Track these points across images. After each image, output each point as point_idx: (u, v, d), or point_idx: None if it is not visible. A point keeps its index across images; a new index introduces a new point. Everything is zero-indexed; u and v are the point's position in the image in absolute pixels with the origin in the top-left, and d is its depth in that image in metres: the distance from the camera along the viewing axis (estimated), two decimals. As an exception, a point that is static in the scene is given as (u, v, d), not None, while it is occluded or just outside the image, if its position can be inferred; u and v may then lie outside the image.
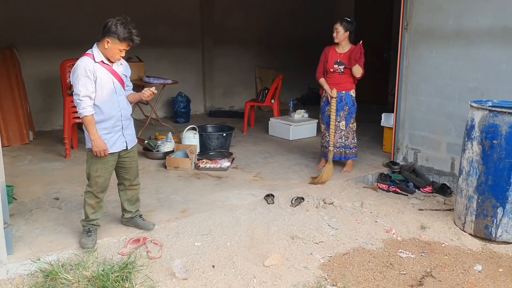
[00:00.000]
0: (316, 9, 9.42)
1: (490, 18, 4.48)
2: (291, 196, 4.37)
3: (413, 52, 5.20)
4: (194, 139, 5.52)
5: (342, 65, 4.89)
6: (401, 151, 5.48)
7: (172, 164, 5.08)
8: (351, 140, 5.10)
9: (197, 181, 4.76)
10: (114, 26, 3.18)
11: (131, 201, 3.63)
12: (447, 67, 4.90)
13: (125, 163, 3.48)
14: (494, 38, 4.48)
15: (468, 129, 3.73)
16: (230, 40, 8.70)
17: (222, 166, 5.13)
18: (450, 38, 4.82)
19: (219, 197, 4.30)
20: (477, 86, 4.66)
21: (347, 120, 5.03)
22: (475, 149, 3.65)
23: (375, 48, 9.36)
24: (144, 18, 7.54)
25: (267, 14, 9.09)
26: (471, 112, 3.71)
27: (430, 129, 5.15)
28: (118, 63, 3.34)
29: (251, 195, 4.37)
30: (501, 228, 3.59)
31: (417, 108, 5.24)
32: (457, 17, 4.74)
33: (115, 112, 3.29)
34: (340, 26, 4.84)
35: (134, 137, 3.53)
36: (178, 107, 7.63)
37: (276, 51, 9.34)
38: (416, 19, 5.12)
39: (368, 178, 5.14)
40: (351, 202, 4.34)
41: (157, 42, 7.80)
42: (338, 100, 4.97)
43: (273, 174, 5.04)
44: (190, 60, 8.34)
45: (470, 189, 3.71)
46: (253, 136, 6.86)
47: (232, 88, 8.99)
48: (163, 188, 4.56)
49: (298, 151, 6.04)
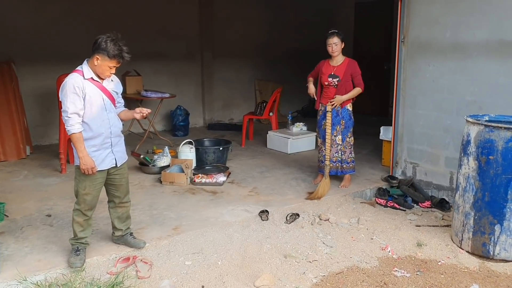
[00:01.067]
0: (316, 21, 9.41)
1: (487, 31, 4.44)
2: (286, 212, 4.30)
3: (410, 65, 5.15)
4: (190, 153, 5.48)
5: (336, 78, 4.84)
6: (400, 165, 5.42)
7: (167, 179, 5.03)
8: (348, 155, 5.03)
9: (192, 197, 4.71)
10: (104, 43, 3.15)
11: (121, 219, 3.58)
12: (444, 80, 4.85)
13: (114, 180, 3.43)
14: (491, 51, 4.43)
15: (464, 144, 3.67)
16: (229, 52, 8.70)
17: (218, 181, 5.08)
18: (447, 51, 4.78)
19: (213, 214, 4.24)
20: (474, 99, 4.60)
21: (344, 135, 4.97)
22: (471, 165, 3.58)
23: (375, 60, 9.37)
24: (143, 31, 7.59)
25: (266, 27, 9.10)
26: (467, 127, 3.65)
27: (428, 143, 5.08)
28: (108, 79, 3.31)
29: (246, 211, 4.31)
30: (499, 246, 3.51)
31: (415, 121, 5.18)
32: (454, 30, 4.70)
33: (104, 129, 3.25)
34: (338, 38, 4.79)
35: (124, 154, 3.48)
36: (177, 120, 7.60)
37: (276, 63, 9.34)
38: (413, 32, 5.08)
39: (366, 193, 5.07)
40: (348, 218, 4.26)
41: (156, 56, 7.83)
42: (334, 114, 4.91)
43: (269, 189, 4.98)
44: (189, 73, 8.33)
45: (467, 206, 3.63)
46: (251, 150, 6.81)
47: (231, 100, 8.97)
48: (157, 204, 4.50)
49: (296, 165, 5.98)
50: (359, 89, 4.84)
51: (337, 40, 4.77)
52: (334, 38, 4.77)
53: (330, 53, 4.83)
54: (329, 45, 4.79)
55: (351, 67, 4.84)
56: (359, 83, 4.85)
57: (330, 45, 4.79)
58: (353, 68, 4.84)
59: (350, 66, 4.85)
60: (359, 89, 4.84)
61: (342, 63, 4.87)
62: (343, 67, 4.85)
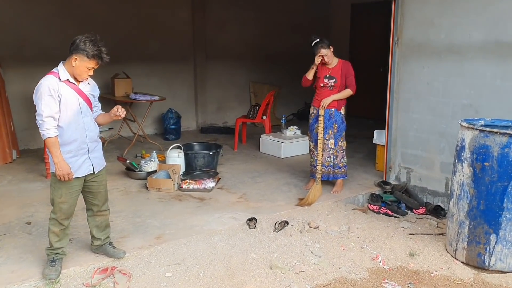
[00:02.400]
0: (312, 23, 9.27)
1: (483, 33, 4.30)
2: (275, 220, 4.15)
3: (405, 67, 5.01)
4: (178, 158, 5.32)
5: (333, 79, 4.70)
6: (394, 170, 5.26)
7: (154, 185, 4.88)
8: (340, 159, 4.88)
9: (178, 204, 4.55)
10: (82, 43, 3.00)
11: (100, 228, 3.42)
12: (439, 83, 4.70)
13: (92, 188, 3.28)
14: (487, 53, 4.29)
15: (458, 150, 3.52)
16: (223, 54, 8.56)
17: (206, 186, 4.93)
18: (442, 53, 4.63)
19: (198, 221, 4.09)
20: (470, 103, 4.46)
21: (336, 138, 4.82)
22: (465, 171, 3.43)
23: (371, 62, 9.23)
24: (134, 33, 7.46)
25: (262, 29, 8.95)
26: (461, 132, 3.50)
27: (422, 147, 4.93)
28: (85, 82, 3.16)
29: (233, 219, 4.16)
30: (495, 256, 3.35)
31: (409, 125, 5.03)
32: (449, 31, 4.55)
33: (80, 134, 3.11)
34: (327, 49, 4.62)
35: (102, 160, 3.33)
36: (168, 123, 7.45)
37: (271, 65, 9.20)
38: (407, 34, 4.94)
39: (358, 199, 4.92)
40: (338, 226, 4.11)
41: (147, 57, 7.70)
42: (327, 118, 4.77)
43: (259, 195, 4.83)
44: (182, 75, 8.19)
45: (461, 214, 3.48)
46: (243, 154, 6.66)
47: (225, 103, 8.82)
48: (141, 211, 4.35)
49: (289, 169, 5.83)
50: (350, 90, 4.70)
51: (326, 51, 4.62)
52: (322, 50, 4.61)
53: (324, 62, 4.68)
54: (318, 57, 4.63)
55: (345, 68, 4.72)
56: (351, 84, 4.72)
57: (320, 58, 4.63)
58: (347, 69, 4.73)
59: (344, 67, 4.73)
60: (350, 90, 4.70)
61: (337, 65, 4.74)
62: (338, 68, 4.72)
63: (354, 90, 4.71)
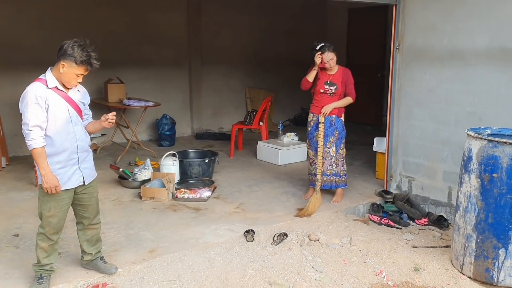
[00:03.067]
0: (309, 28, 9.16)
1: (487, 38, 4.18)
2: (274, 232, 3.99)
3: (406, 73, 4.88)
4: (173, 166, 5.16)
5: (334, 85, 4.57)
6: (395, 179, 5.13)
7: (147, 194, 4.71)
8: (340, 167, 4.74)
9: (173, 214, 4.39)
10: (70, 48, 2.84)
11: (91, 242, 3.25)
12: (442, 90, 4.58)
13: (83, 200, 3.12)
14: (491, 59, 4.17)
15: (465, 160, 3.38)
16: (219, 59, 8.42)
17: (202, 196, 4.76)
18: (445, 59, 4.51)
19: (194, 234, 3.93)
20: (474, 110, 4.33)
21: (337, 146, 4.68)
22: (473, 183, 3.29)
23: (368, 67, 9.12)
24: (128, 37, 7.31)
25: (258, 33, 8.82)
26: (468, 142, 3.37)
27: (425, 156, 4.80)
28: (75, 89, 3.00)
29: (230, 231, 4.00)
30: (504, 272, 3.22)
31: (411, 133, 4.90)
32: (451, 37, 4.43)
33: (69, 144, 2.94)
34: (333, 52, 4.51)
35: (93, 171, 3.16)
36: (163, 129, 7.28)
37: (267, 70, 9.06)
38: (408, 39, 4.82)
39: (359, 209, 4.78)
40: (339, 238, 3.96)
41: (141, 62, 7.54)
42: (327, 125, 4.62)
43: (257, 205, 4.67)
44: (176, 80, 8.02)
45: (469, 227, 3.34)
46: (240, 161, 6.51)
47: (221, 109, 8.66)
48: (134, 222, 4.18)
49: (287, 177, 5.68)
50: (350, 98, 4.59)
51: (332, 55, 4.50)
52: (330, 53, 4.49)
53: (327, 67, 4.54)
54: (326, 62, 4.49)
55: (345, 76, 4.60)
56: (350, 92, 4.61)
57: (327, 62, 4.50)
58: (347, 77, 4.62)
59: (345, 74, 4.61)
60: (350, 98, 4.59)
61: (337, 71, 4.61)
62: (339, 75, 4.60)
63: (354, 98, 4.60)
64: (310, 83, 4.63)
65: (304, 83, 4.65)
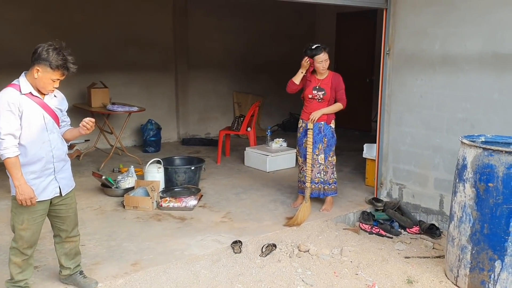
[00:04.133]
0: (297, 32, 9.06)
1: (480, 43, 4.09)
2: (262, 243, 3.85)
3: (396, 79, 4.78)
4: (157, 173, 4.99)
5: (322, 91, 4.44)
6: (385, 186, 5.02)
7: (131, 203, 4.54)
8: (330, 175, 4.62)
9: (157, 224, 4.22)
10: (45, 52, 2.68)
11: (69, 256, 3.08)
12: (433, 95, 4.48)
13: (60, 212, 2.94)
14: (484, 64, 4.08)
15: (459, 169, 3.28)
16: (206, 63, 8.27)
17: (188, 205, 4.60)
18: (436, 64, 4.42)
19: (179, 245, 3.77)
20: (466, 117, 4.24)
21: (326, 153, 4.56)
22: (467, 192, 3.18)
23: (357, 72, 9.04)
24: (112, 41, 7.14)
25: (245, 37, 8.69)
26: (463, 150, 3.26)
27: (416, 162, 4.70)
28: (51, 95, 2.84)
29: (216, 242, 3.84)
30: (500, 285, 3.11)
31: (401, 139, 4.80)
32: (443, 41, 4.34)
33: (45, 153, 2.77)
34: (327, 54, 4.41)
35: (71, 181, 2.99)
36: (148, 135, 7.10)
37: (256, 75, 8.94)
38: (399, 44, 4.72)
39: (349, 217, 4.65)
40: (330, 249, 3.83)
41: (126, 66, 7.37)
42: (316, 132, 4.50)
43: (245, 214, 4.53)
44: (162, 85, 7.86)
45: (463, 238, 3.23)
46: (227, 168, 6.36)
47: (208, 114, 8.51)
48: (117, 233, 4.01)
49: (275, 184, 5.54)
50: (340, 104, 4.47)
51: (327, 56, 4.40)
52: (324, 54, 4.38)
53: (319, 70, 4.42)
54: (320, 62, 4.38)
55: (335, 81, 4.47)
56: (341, 98, 4.49)
57: (321, 62, 4.38)
58: (337, 82, 4.48)
59: (335, 80, 4.48)
60: (340, 104, 4.47)
61: (327, 76, 4.49)
62: (328, 80, 4.47)
63: (344, 105, 4.49)
64: (297, 85, 4.51)
65: (290, 85, 4.53)
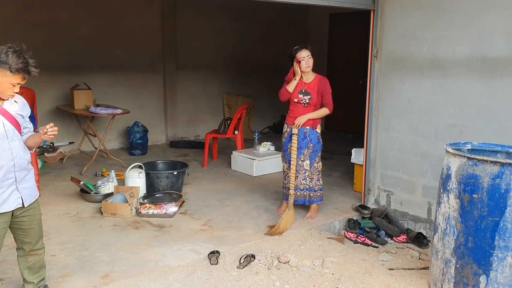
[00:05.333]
0: (288, 33, 8.91)
1: (468, 47, 3.96)
2: (241, 253, 3.71)
3: (384, 82, 4.65)
4: (138, 179, 4.85)
5: (308, 95, 4.30)
6: (373, 193, 4.89)
7: (109, 210, 4.40)
8: (316, 182, 4.47)
9: (134, 233, 4.08)
10: (4, 55, 2.53)
11: (33, 270, 2.93)
12: (421, 100, 4.35)
13: (23, 224, 2.79)
14: (472, 69, 3.95)
15: (443, 179, 3.14)
16: (195, 64, 8.13)
17: (168, 212, 4.46)
18: (424, 68, 4.29)
19: (154, 255, 3.62)
20: (455, 122, 4.11)
21: (312, 159, 4.41)
22: (452, 204, 3.05)
23: (350, 74, 8.91)
24: (98, 41, 7.00)
25: (236, 38, 8.56)
26: (447, 159, 3.13)
27: (404, 169, 4.57)
28: (11, 100, 2.69)
29: (193, 252, 3.70)
30: (485, 300, 2.97)
31: (389, 145, 4.66)
32: (432, 45, 4.21)
33: (5, 162, 2.62)
34: (310, 52, 4.27)
35: (34, 191, 2.84)
36: (134, 137, 6.95)
37: (246, 77, 8.80)
38: (387, 47, 4.59)
39: (334, 225, 4.52)
40: (311, 260, 3.69)
41: (113, 67, 7.22)
42: (301, 137, 4.36)
43: (226, 222, 4.38)
44: (150, 86, 7.71)
45: (447, 251, 3.09)
46: (213, 172, 6.22)
47: (197, 116, 8.37)
48: (91, 241, 3.86)
49: (260, 190, 5.41)
50: (327, 110, 4.32)
51: (309, 53, 4.25)
52: (306, 51, 4.24)
53: (303, 69, 4.27)
54: (302, 58, 4.23)
55: (322, 85, 4.32)
56: (328, 102, 4.33)
57: (304, 59, 4.23)
58: (324, 86, 4.33)
59: (321, 83, 4.33)
60: (327, 110, 4.32)
61: (314, 80, 4.34)
62: (315, 84, 4.32)
63: (331, 110, 4.33)
64: (290, 94, 4.35)
65: (284, 93, 4.36)
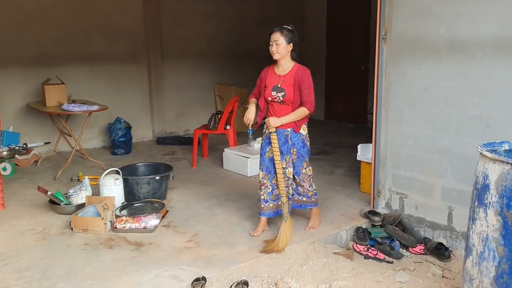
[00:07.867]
0: (283, 17, 8.20)
1: (496, 25, 3.32)
2: (231, 278, 3.12)
3: (395, 69, 4.01)
4: (115, 186, 4.23)
5: (282, 92, 3.56)
6: (383, 195, 4.29)
7: (79, 225, 3.79)
8: (308, 188, 3.82)
9: (106, 253, 3.47)
10: None
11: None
12: (439, 88, 3.72)
13: None
14: (501, 51, 3.32)
15: (478, 190, 2.53)
16: (183, 53, 7.48)
17: (148, 225, 3.85)
18: (443, 51, 3.65)
19: (127, 284, 3.02)
20: (480, 114, 3.49)
21: (298, 166, 3.70)
22: (491, 221, 2.44)
23: (351, 59, 8.29)
24: (73, 29, 6.35)
25: (227, 24, 7.90)
26: (483, 165, 2.51)
27: (419, 168, 3.96)
28: None
29: (175, 279, 3.09)
30: None
31: (402, 141, 4.05)
32: (451, 23, 3.57)
33: None
34: (281, 36, 3.51)
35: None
36: (116, 135, 6.33)
37: (239, 64, 8.14)
38: (397, 27, 3.95)
39: (341, 236, 3.92)
40: (316, 284, 3.10)
41: (91, 58, 6.58)
42: (282, 140, 3.62)
43: (215, 236, 3.78)
44: (133, 78, 7.06)
45: (486, 280, 2.50)
46: (203, 172, 5.61)
47: (187, 109, 7.73)
48: (55, 267, 3.25)
49: (255, 193, 4.70)
50: (305, 109, 3.53)
51: (279, 38, 3.49)
52: (276, 34, 3.52)
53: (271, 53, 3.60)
54: (270, 43, 3.56)
55: (299, 77, 3.54)
56: (307, 100, 3.53)
57: (271, 44, 3.54)
58: (302, 78, 3.53)
59: (299, 74, 3.54)
60: (305, 109, 3.53)
61: (290, 71, 3.59)
62: (291, 77, 3.57)
63: (311, 108, 3.55)
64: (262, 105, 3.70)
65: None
